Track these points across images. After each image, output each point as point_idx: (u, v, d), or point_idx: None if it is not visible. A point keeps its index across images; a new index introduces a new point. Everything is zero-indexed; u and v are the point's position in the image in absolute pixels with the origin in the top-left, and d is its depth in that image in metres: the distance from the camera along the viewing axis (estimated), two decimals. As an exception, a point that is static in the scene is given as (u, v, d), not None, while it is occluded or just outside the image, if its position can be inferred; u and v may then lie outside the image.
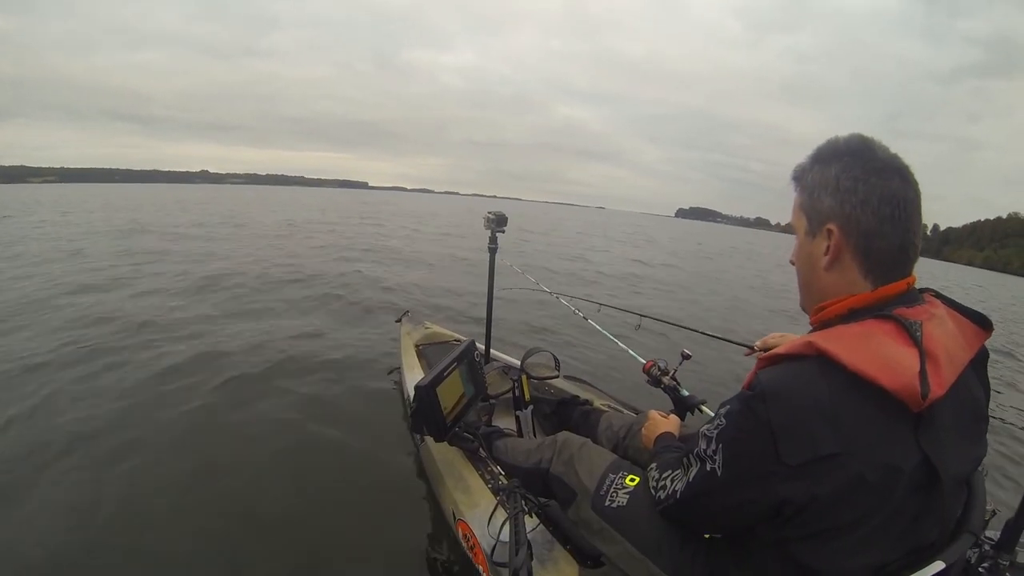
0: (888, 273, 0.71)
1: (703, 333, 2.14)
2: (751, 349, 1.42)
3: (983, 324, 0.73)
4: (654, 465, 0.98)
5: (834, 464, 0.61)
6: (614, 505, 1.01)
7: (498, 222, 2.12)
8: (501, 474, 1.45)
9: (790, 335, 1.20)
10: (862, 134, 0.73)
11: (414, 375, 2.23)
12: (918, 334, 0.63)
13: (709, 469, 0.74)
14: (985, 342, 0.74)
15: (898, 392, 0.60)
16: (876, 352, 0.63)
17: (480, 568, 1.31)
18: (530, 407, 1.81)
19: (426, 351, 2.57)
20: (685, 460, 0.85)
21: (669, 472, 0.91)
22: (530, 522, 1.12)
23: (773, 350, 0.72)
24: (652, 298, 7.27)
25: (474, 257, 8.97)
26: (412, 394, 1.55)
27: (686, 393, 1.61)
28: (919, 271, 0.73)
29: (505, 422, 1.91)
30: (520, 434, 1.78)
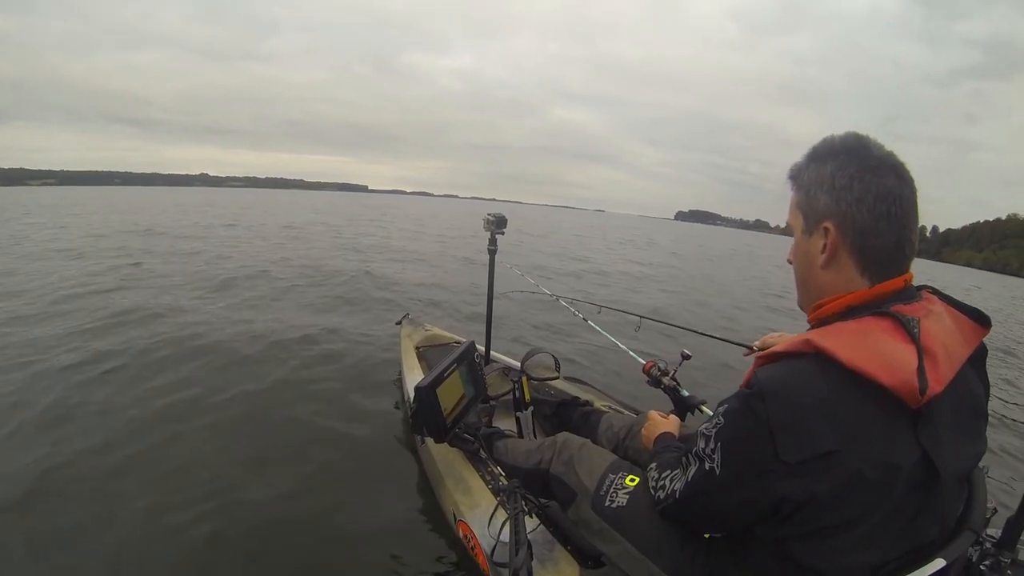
0: (885, 270, 0.71)
1: (702, 334, 2.14)
2: (750, 349, 1.42)
3: (981, 321, 0.73)
4: (653, 465, 0.98)
5: (833, 462, 0.61)
6: (614, 505, 1.01)
7: (498, 224, 2.11)
8: (501, 475, 1.45)
9: (789, 334, 1.21)
10: (857, 132, 0.73)
11: (414, 377, 2.23)
12: (916, 331, 0.63)
13: (708, 468, 0.73)
14: (983, 339, 0.74)
15: (896, 389, 0.60)
16: (874, 349, 0.62)
17: (481, 568, 1.31)
18: (530, 408, 1.81)
19: (426, 353, 2.57)
20: (684, 459, 0.85)
21: (668, 472, 0.90)
22: (530, 522, 1.12)
23: (771, 348, 0.72)
24: (654, 298, 7.26)
25: (477, 258, 9.03)
26: (412, 395, 1.55)
27: (686, 393, 1.61)
28: (917, 272, 0.73)
29: (505, 423, 1.91)
30: (520, 435, 1.79)
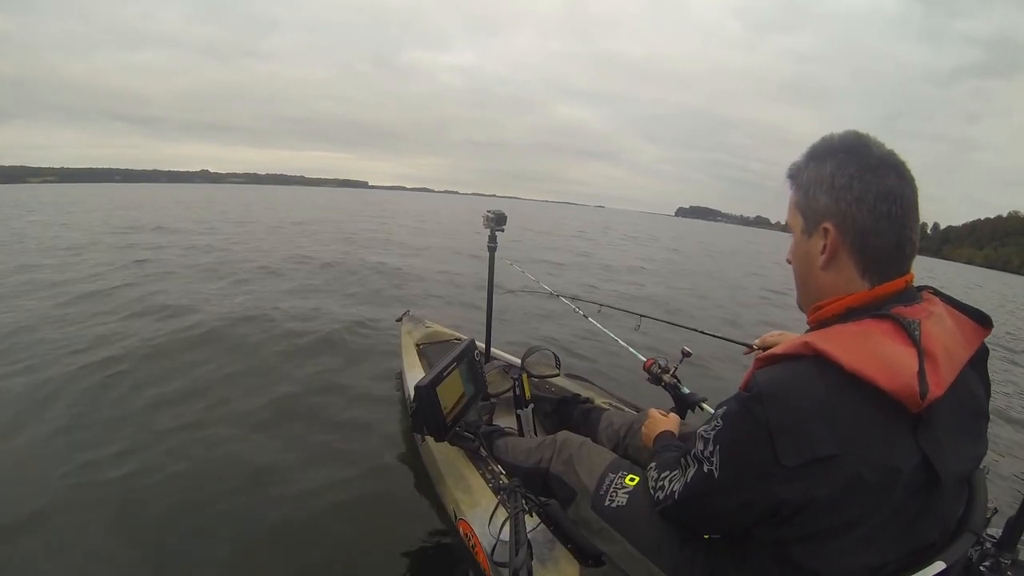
0: (885, 271, 0.70)
1: (702, 332, 2.14)
2: (750, 348, 1.42)
3: (982, 321, 0.72)
4: (653, 465, 0.98)
5: (832, 465, 0.61)
6: (613, 505, 1.01)
7: (497, 221, 2.09)
8: (502, 473, 1.45)
9: (789, 333, 1.20)
10: (857, 131, 0.72)
11: (414, 374, 2.22)
12: (916, 333, 0.62)
13: (706, 471, 0.73)
14: (984, 339, 0.73)
15: (896, 393, 0.60)
16: (874, 352, 0.62)
17: (481, 567, 1.32)
18: (531, 406, 1.81)
19: (426, 350, 2.57)
20: (683, 461, 0.85)
21: (667, 473, 0.90)
22: (531, 521, 1.12)
23: (770, 350, 0.71)
24: (656, 294, 7.26)
25: (480, 254, 9.11)
26: (412, 394, 1.55)
27: (687, 391, 1.61)
28: (917, 269, 0.72)
29: (506, 421, 1.91)
30: (521, 433, 1.78)
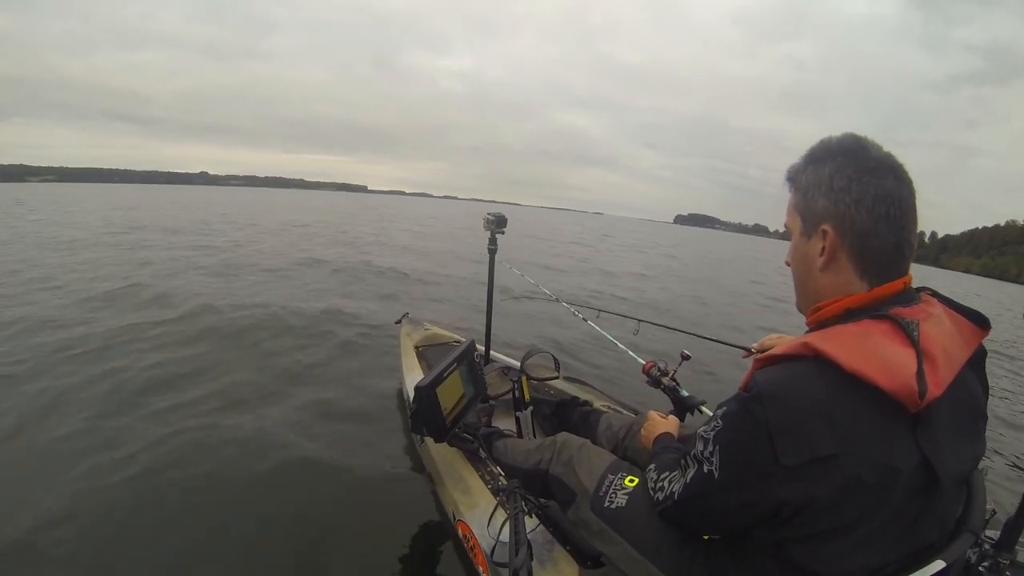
0: (884, 272, 0.70)
1: (701, 337, 2.15)
2: (748, 351, 1.43)
3: (980, 323, 0.73)
4: (652, 466, 0.98)
5: (832, 465, 0.61)
6: (613, 506, 1.01)
7: (497, 223, 2.10)
8: (501, 475, 1.45)
9: (788, 336, 1.21)
10: (855, 133, 0.73)
11: (413, 376, 2.22)
12: (915, 334, 0.63)
13: (706, 471, 0.73)
14: (982, 340, 0.74)
15: (895, 393, 0.60)
16: (873, 352, 0.62)
17: (480, 568, 1.31)
18: (530, 408, 1.81)
19: (426, 352, 2.57)
20: (683, 462, 0.85)
21: (667, 473, 0.90)
22: (530, 522, 1.12)
23: (769, 351, 0.72)
24: (656, 299, 7.28)
25: (479, 258, 9.17)
26: (412, 395, 1.55)
27: (686, 393, 1.61)
28: (915, 278, 0.73)
29: (505, 423, 1.91)
30: (520, 435, 1.78)
